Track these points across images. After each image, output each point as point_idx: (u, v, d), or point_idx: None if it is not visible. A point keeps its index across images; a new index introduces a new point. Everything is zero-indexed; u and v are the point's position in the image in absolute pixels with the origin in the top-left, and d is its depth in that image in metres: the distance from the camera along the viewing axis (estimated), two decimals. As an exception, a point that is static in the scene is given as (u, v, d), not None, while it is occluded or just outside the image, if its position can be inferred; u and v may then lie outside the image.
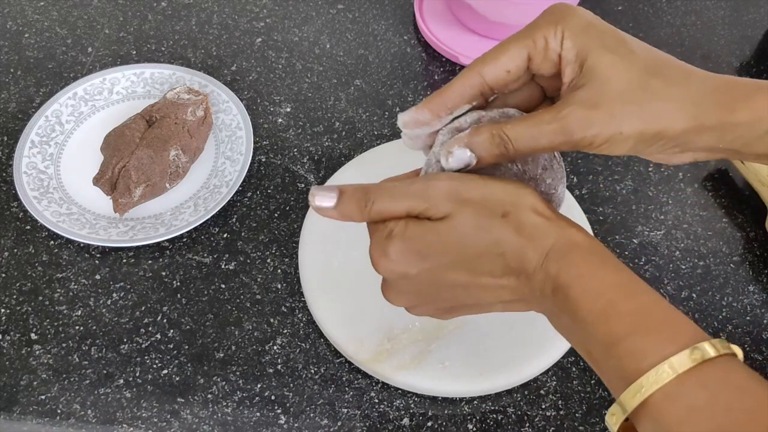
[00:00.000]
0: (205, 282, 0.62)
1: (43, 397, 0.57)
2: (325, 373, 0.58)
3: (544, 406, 0.57)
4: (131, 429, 0.55)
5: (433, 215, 0.42)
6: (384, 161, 0.67)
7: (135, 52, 0.78)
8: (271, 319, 0.61)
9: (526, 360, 0.57)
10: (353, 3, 0.83)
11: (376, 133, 0.72)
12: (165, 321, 0.60)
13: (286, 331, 0.60)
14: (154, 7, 0.82)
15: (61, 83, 0.74)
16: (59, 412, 0.56)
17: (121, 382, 0.57)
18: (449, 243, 0.42)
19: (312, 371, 0.58)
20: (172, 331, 0.60)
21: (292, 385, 0.57)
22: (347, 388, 0.57)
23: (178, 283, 0.62)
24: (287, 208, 0.67)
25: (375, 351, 0.57)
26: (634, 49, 0.42)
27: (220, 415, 0.56)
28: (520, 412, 0.57)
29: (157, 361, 0.58)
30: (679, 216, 0.67)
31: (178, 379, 0.58)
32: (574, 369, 0.59)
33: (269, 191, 0.68)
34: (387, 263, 0.43)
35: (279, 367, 0.58)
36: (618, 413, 0.38)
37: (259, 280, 0.63)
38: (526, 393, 0.58)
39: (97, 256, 0.64)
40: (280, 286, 0.62)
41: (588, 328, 0.40)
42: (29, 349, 0.59)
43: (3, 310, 0.61)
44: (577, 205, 0.65)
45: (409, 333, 0.58)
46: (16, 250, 0.64)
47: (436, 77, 0.77)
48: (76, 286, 0.62)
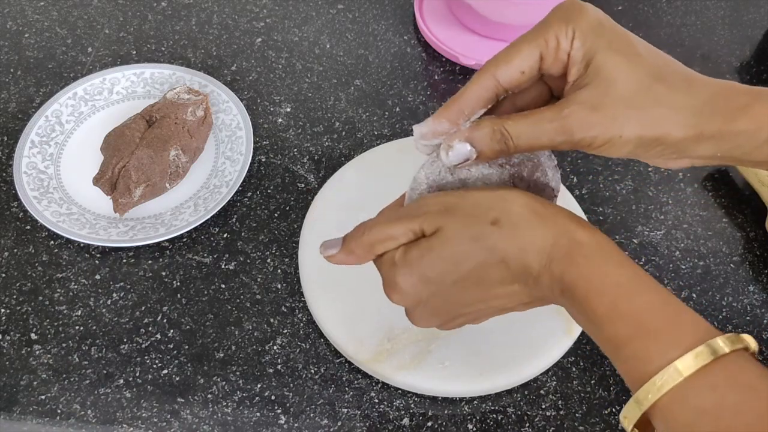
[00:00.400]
0: (205, 282, 0.62)
1: (43, 397, 0.57)
2: (325, 373, 0.58)
3: (544, 406, 0.57)
4: (131, 429, 0.55)
5: (426, 230, 0.43)
6: (384, 161, 0.67)
7: (135, 52, 0.78)
8: (271, 319, 0.61)
9: (526, 360, 0.57)
10: (353, 3, 0.83)
11: (376, 133, 0.72)
12: (165, 321, 0.60)
13: (286, 331, 0.60)
14: (154, 7, 0.82)
15: (61, 83, 0.74)
16: (59, 412, 0.56)
17: (121, 382, 0.57)
18: (446, 258, 0.42)
19: (312, 371, 0.58)
20: (172, 331, 0.60)
21: (292, 385, 0.57)
22: (347, 388, 0.57)
23: (178, 283, 0.62)
24: (287, 208, 0.67)
25: (375, 351, 0.57)
26: (640, 51, 0.41)
27: (220, 415, 0.56)
28: (520, 412, 0.57)
29: (157, 361, 0.58)
30: (679, 216, 0.67)
31: (178, 379, 0.58)
32: (574, 369, 0.59)
33: (269, 191, 0.68)
34: (399, 296, 0.44)
35: (279, 367, 0.58)
36: (629, 416, 0.38)
37: (259, 280, 0.63)
38: (526, 393, 0.57)
39: (97, 256, 0.64)
40: (280, 286, 0.62)
41: (596, 328, 0.40)
42: (29, 349, 0.59)
43: (3, 310, 0.61)
44: (577, 205, 0.65)
45: (409, 333, 0.58)
46: (16, 250, 0.64)
47: (436, 77, 0.77)
48: (76, 286, 0.62)
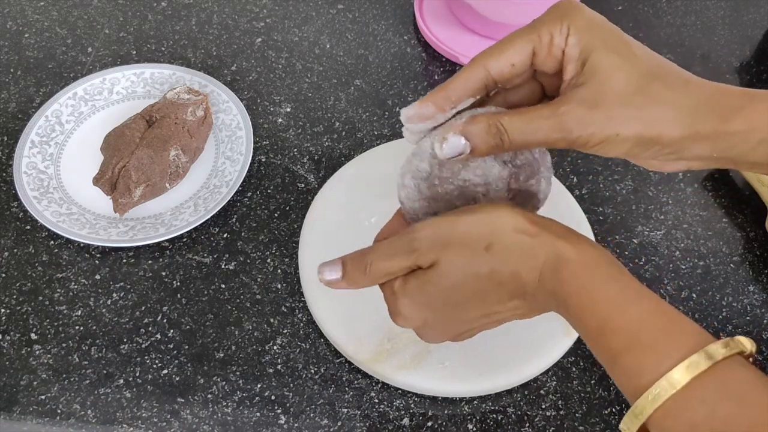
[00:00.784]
0: (205, 282, 0.62)
1: (43, 397, 0.57)
2: (325, 373, 0.58)
3: (544, 406, 0.57)
4: (131, 429, 0.55)
5: (422, 264, 0.43)
6: (384, 161, 0.67)
7: (135, 52, 0.78)
8: (271, 319, 0.61)
9: (526, 360, 0.57)
10: (353, 3, 0.83)
11: (376, 133, 0.72)
12: (165, 321, 0.60)
13: (286, 331, 0.60)
14: (154, 7, 0.82)
15: (61, 83, 0.74)
16: (59, 412, 0.56)
17: (121, 382, 0.57)
18: (445, 288, 0.43)
19: (312, 371, 0.58)
20: (172, 331, 0.60)
21: (292, 385, 0.57)
22: (347, 388, 0.57)
23: (178, 283, 0.62)
24: (287, 208, 0.67)
25: (375, 351, 0.57)
26: (636, 51, 0.42)
27: (220, 415, 0.56)
28: (520, 412, 0.57)
29: (157, 361, 0.58)
30: (679, 216, 0.67)
31: (178, 379, 0.58)
32: (574, 369, 0.59)
33: (269, 191, 0.68)
34: (403, 320, 0.46)
35: (279, 367, 0.58)
36: (629, 428, 0.38)
37: (259, 280, 0.63)
38: (526, 393, 0.57)
39: (97, 256, 0.64)
40: (280, 286, 0.62)
41: (590, 341, 0.41)
42: (29, 349, 0.59)
43: (3, 310, 0.61)
44: (577, 205, 0.65)
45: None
46: (16, 250, 0.64)
47: (436, 77, 0.77)
48: (76, 286, 0.62)
